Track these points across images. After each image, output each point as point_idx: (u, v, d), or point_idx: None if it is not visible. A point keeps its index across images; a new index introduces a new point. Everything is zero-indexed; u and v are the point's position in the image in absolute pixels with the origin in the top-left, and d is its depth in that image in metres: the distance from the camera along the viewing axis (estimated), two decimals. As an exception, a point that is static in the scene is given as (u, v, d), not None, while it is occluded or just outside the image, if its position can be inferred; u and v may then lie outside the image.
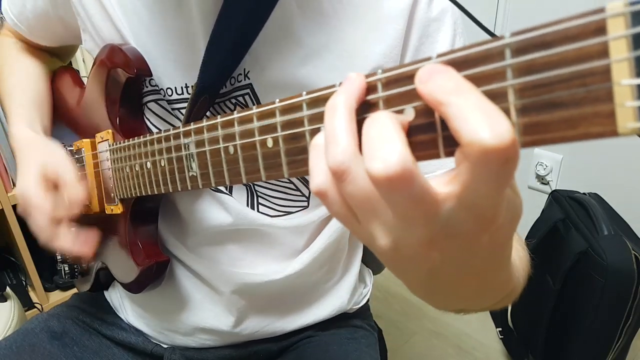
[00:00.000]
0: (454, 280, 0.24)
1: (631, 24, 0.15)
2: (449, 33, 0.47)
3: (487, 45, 0.18)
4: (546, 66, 0.17)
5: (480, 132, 0.17)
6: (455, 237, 0.21)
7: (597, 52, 0.15)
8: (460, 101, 0.18)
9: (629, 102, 0.15)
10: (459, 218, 0.20)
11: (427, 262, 0.22)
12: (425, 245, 0.21)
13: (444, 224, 0.20)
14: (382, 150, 0.19)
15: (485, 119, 0.17)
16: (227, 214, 0.52)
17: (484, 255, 0.22)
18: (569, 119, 0.16)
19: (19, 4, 0.61)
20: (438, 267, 0.22)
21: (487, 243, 0.21)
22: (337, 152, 0.21)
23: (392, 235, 0.21)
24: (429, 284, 0.25)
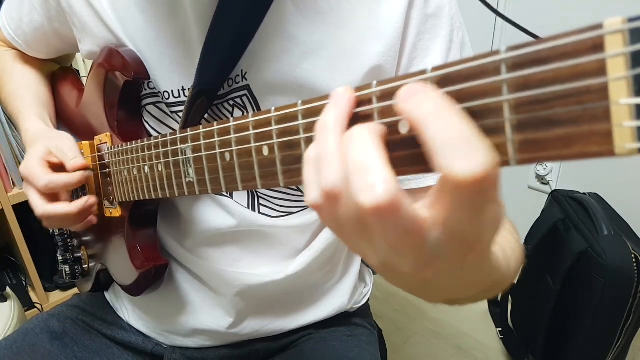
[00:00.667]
0: (447, 287, 0.25)
1: (630, 41, 0.14)
2: (446, 30, 0.47)
3: (483, 60, 0.18)
4: (542, 82, 0.16)
5: (454, 165, 0.17)
6: (443, 260, 0.21)
7: (594, 69, 0.15)
8: (437, 126, 0.18)
9: (627, 122, 0.14)
10: (446, 245, 0.20)
11: (419, 279, 0.23)
12: (415, 269, 0.21)
13: (431, 251, 0.20)
14: (367, 180, 0.19)
15: (459, 150, 0.17)
16: (229, 216, 0.52)
17: (470, 267, 0.23)
18: (566, 137, 0.16)
19: (16, 19, 0.62)
20: (430, 281, 0.23)
21: (473, 258, 0.22)
22: (329, 173, 0.21)
23: (382, 257, 0.22)
24: (422, 290, 0.26)
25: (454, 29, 0.47)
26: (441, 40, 0.47)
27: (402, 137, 0.21)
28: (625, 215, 1.11)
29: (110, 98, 0.53)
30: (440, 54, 0.46)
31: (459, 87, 0.19)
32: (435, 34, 0.46)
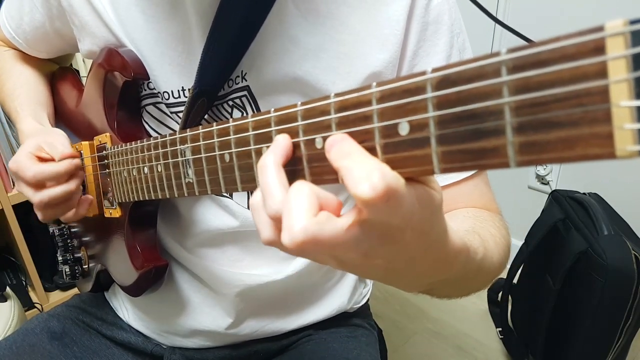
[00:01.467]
0: (411, 269, 0.28)
1: (631, 43, 0.14)
2: (447, 36, 0.47)
3: (483, 61, 0.18)
4: (543, 85, 0.16)
5: (358, 187, 0.21)
6: (379, 244, 0.24)
7: (595, 72, 0.15)
8: (346, 163, 0.22)
9: (628, 124, 0.14)
10: (375, 233, 0.23)
11: (376, 267, 0.26)
12: (364, 259, 0.25)
13: (366, 244, 0.24)
14: (289, 220, 0.23)
15: (362, 176, 0.21)
16: (229, 217, 0.52)
17: (416, 243, 0.25)
18: (566, 139, 0.16)
19: (17, 18, 0.61)
20: (388, 266, 0.26)
21: (411, 235, 0.24)
22: (272, 205, 0.25)
23: (334, 261, 0.26)
24: (389, 278, 0.29)
25: (454, 35, 0.47)
26: (442, 47, 0.47)
27: (401, 139, 0.21)
28: (625, 215, 1.11)
29: (110, 98, 0.52)
30: (441, 61, 0.47)
31: (459, 88, 0.19)
32: (436, 41, 0.47)
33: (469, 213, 0.46)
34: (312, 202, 0.23)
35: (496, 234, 0.42)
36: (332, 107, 0.24)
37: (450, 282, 0.34)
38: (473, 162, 0.19)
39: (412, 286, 0.31)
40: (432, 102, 0.20)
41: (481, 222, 0.43)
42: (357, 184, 0.21)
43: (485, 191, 0.50)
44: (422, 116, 0.20)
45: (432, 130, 0.20)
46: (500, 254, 0.40)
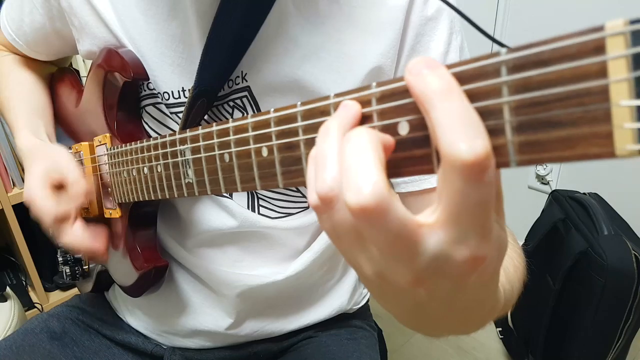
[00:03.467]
0: (441, 315, 0.24)
1: (631, 43, 0.14)
2: (445, 32, 0.47)
3: (483, 61, 0.18)
4: (543, 84, 0.16)
5: (456, 145, 0.17)
6: (442, 275, 0.20)
7: (595, 71, 0.15)
8: (445, 106, 0.18)
9: (628, 123, 0.14)
10: (447, 253, 0.19)
11: (413, 298, 0.22)
12: (411, 283, 0.20)
13: (429, 260, 0.19)
14: (356, 179, 0.19)
15: (463, 132, 0.17)
16: (229, 217, 0.52)
17: (472, 292, 0.22)
18: (566, 138, 0.16)
19: (17, 20, 0.61)
20: (425, 303, 0.22)
21: (475, 280, 0.21)
22: (326, 178, 0.20)
23: (376, 267, 0.21)
24: (414, 316, 0.24)
25: (453, 32, 0.47)
26: (439, 43, 0.47)
27: (400, 139, 0.21)
28: (625, 215, 1.11)
29: (109, 99, 0.52)
30: (438, 56, 0.47)
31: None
32: (434, 36, 0.47)
33: None
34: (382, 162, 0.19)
35: (514, 255, 0.40)
36: (332, 107, 0.24)
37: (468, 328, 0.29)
38: None
39: (429, 330, 0.27)
40: (431, 101, 0.19)
41: None
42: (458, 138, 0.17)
43: None
44: (421, 115, 0.20)
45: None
46: (519, 279, 0.38)
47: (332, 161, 0.20)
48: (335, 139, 0.21)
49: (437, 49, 0.47)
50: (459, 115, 0.17)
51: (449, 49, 0.47)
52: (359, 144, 0.20)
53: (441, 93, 0.18)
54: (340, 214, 0.20)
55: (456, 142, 0.17)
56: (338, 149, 0.21)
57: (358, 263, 0.22)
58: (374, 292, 0.24)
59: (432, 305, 0.22)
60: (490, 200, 0.18)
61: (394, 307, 0.24)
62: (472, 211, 0.18)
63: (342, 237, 0.21)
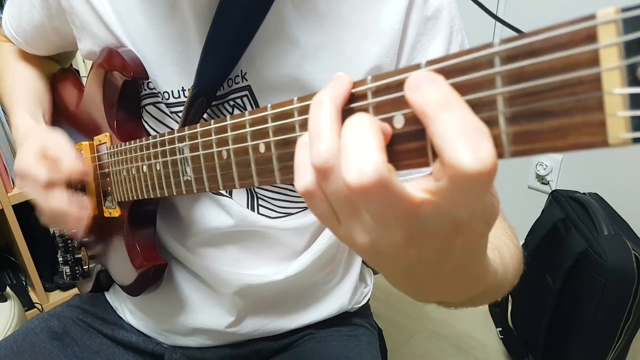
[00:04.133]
0: (430, 276, 0.25)
1: (623, 31, 0.14)
2: (445, 31, 0.47)
3: (477, 53, 0.18)
4: (535, 74, 0.16)
5: (462, 157, 0.17)
6: (430, 238, 0.21)
7: (587, 60, 0.15)
8: (445, 118, 0.18)
9: (621, 111, 0.14)
10: (435, 223, 0.20)
11: (405, 260, 0.23)
12: (403, 244, 0.21)
13: (420, 227, 0.21)
14: (358, 159, 0.19)
15: (468, 143, 0.17)
16: (228, 216, 0.52)
17: (458, 255, 0.23)
18: (559, 128, 0.16)
19: (17, 17, 0.62)
20: (415, 265, 0.23)
21: (461, 244, 0.22)
22: (321, 149, 0.21)
23: (371, 235, 0.22)
24: (406, 279, 0.26)
25: (453, 31, 0.47)
26: (439, 42, 0.47)
27: (396, 132, 0.21)
28: (625, 215, 1.11)
29: (110, 98, 0.53)
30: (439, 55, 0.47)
31: (453, 80, 0.19)
32: (434, 36, 0.47)
33: None
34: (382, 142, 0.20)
35: (510, 244, 0.41)
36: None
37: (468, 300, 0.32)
38: None
39: (424, 295, 0.29)
40: (426, 94, 0.19)
41: (496, 231, 0.42)
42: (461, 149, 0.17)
43: None
44: None
45: (427, 123, 0.20)
46: (515, 267, 0.39)
47: (327, 132, 0.21)
48: (329, 110, 0.21)
49: (437, 49, 0.47)
50: (462, 126, 0.18)
51: (449, 48, 0.47)
52: (360, 127, 0.20)
53: (442, 104, 0.18)
54: (334, 185, 0.21)
55: (458, 152, 0.17)
56: (332, 120, 0.21)
57: (351, 234, 0.23)
58: (367, 257, 0.25)
59: (422, 267, 0.23)
60: (485, 194, 0.19)
61: (387, 268, 0.25)
62: (466, 202, 0.19)
63: (336, 208, 0.22)
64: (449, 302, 0.33)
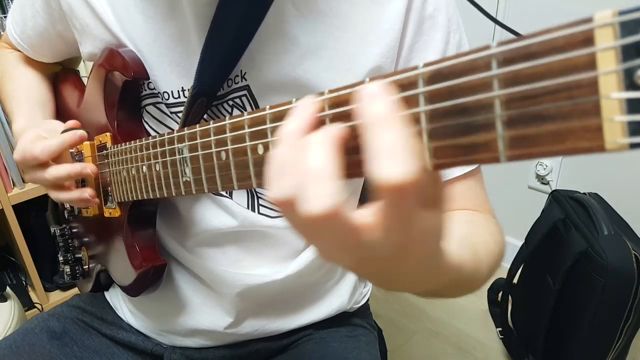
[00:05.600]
0: (390, 279, 0.28)
1: (620, 34, 0.14)
2: (443, 32, 0.47)
3: (474, 55, 0.18)
4: (532, 77, 0.16)
5: (379, 171, 0.19)
6: (382, 260, 0.24)
7: (584, 63, 0.15)
8: (380, 136, 0.20)
9: (618, 116, 0.14)
10: (381, 247, 0.23)
11: (363, 271, 0.26)
12: (357, 263, 0.25)
13: (368, 251, 0.23)
14: (314, 191, 0.21)
15: (387, 158, 0.19)
16: (229, 217, 0.52)
17: (412, 264, 0.25)
18: (556, 132, 0.16)
19: (21, 23, 0.62)
20: (373, 274, 0.27)
21: (415, 262, 0.24)
22: (285, 184, 0.23)
23: (330, 254, 0.25)
24: (369, 279, 0.29)
25: (451, 32, 0.47)
26: (437, 43, 0.47)
27: None
28: (625, 215, 1.10)
29: (110, 98, 0.53)
30: (436, 56, 0.47)
31: (450, 82, 0.19)
32: (432, 36, 0.47)
33: (465, 218, 0.46)
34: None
35: (490, 240, 0.43)
36: (326, 103, 0.24)
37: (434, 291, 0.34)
38: (464, 157, 0.19)
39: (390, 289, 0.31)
40: (424, 96, 0.20)
41: (476, 228, 0.44)
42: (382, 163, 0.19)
43: (479, 191, 0.50)
44: (414, 110, 0.20)
45: (424, 125, 0.20)
46: (490, 264, 0.41)
47: (290, 168, 0.23)
48: (293, 144, 0.23)
49: (434, 50, 0.47)
50: (389, 143, 0.19)
51: (446, 48, 0.47)
52: (317, 151, 0.22)
53: (381, 122, 0.20)
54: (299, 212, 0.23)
55: (381, 168, 0.19)
56: (296, 155, 0.23)
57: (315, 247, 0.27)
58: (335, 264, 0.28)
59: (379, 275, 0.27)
60: (413, 209, 0.21)
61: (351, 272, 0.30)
62: (400, 227, 0.21)
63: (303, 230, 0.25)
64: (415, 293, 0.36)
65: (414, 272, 0.26)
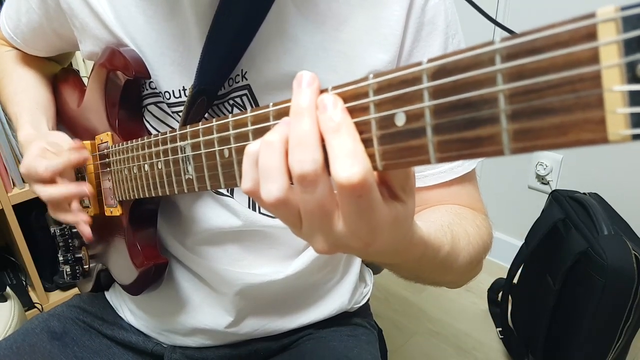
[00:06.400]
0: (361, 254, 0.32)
1: (622, 29, 0.15)
2: (441, 37, 0.47)
3: (478, 50, 0.18)
4: (536, 72, 0.16)
5: (339, 172, 0.23)
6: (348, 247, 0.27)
7: (587, 57, 0.15)
8: (335, 142, 0.23)
9: (620, 108, 0.15)
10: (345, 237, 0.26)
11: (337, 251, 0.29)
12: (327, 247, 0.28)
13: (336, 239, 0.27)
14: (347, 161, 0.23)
15: (346, 162, 0.23)
16: (230, 216, 0.52)
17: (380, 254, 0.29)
18: (560, 125, 0.16)
19: (15, 18, 0.62)
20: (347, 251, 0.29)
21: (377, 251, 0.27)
22: (307, 160, 0.24)
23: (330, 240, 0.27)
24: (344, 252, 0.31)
25: (449, 37, 0.48)
26: (436, 49, 0.48)
27: (398, 130, 0.22)
28: (625, 215, 1.11)
29: (112, 97, 0.53)
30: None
31: (454, 78, 0.19)
32: (431, 42, 0.47)
33: (452, 209, 0.48)
34: None
35: (473, 233, 0.44)
36: None
37: (405, 267, 0.37)
38: (469, 151, 0.19)
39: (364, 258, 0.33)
40: (428, 91, 0.20)
41: (460, 219, 0.45)
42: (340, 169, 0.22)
43: (472, 192, 0.51)
44: (418, 106, 0.20)
45: (428, 120, 0.20)
46: (470, 253, 0.42)
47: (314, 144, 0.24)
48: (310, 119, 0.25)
49: (433, 55, 0.47)
50: (344, 148, 0.23)
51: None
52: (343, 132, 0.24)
53: (336, 129, 0.23)
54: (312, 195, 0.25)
55: (338, 170, 0.23)
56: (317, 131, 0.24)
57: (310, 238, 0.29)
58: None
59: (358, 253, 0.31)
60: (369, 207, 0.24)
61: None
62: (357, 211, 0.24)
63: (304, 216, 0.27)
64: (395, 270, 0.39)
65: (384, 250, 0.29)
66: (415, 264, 0.35)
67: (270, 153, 0.26)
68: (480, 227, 0.46)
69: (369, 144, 0.23)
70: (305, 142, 0.24)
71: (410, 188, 0.27)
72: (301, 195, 0.25)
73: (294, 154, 0.24)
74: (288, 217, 0.27)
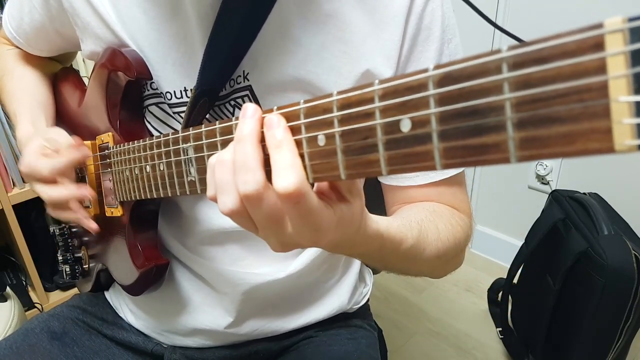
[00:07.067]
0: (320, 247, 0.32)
1: (630, 40, 0.15)
2: (437, 43, 0.48)
3: (485, 58, 0.18)
4: (543, 81, 0.16)
5: (278, 183, 0.26)
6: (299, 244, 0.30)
7: (594, 68, 0.15)
8: (277, 156, 0.27)
9: (627, 119, 0.15)
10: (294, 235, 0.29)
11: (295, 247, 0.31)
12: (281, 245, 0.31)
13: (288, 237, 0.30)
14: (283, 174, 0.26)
15: (284, 174, 0.26)
16: None
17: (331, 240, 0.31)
18: (567, 134, 0.16)
19: (17, 18, 0.62)
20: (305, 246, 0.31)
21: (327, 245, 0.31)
22: (249, 181, 0.27)
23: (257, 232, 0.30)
24: None
25: (445, 42, 0.48)
26: (431, 54, 0.48)
27: (403, 136, 0.22)
28: (625, 215, 1.11)
29: (113, 98, 0.53)
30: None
31: (460, 85, 0.19)
32: (427, 47, 0.48)
33: (429, 206, 0.49)
34: None
35: (444, 229, 0.46)
36: (334, 104, 0.24)
37: (369, 257, 0.41)
38: (474, 158, 0.19)
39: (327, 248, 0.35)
40: (434, 98, 0.20)
41: (434, 217, 0.46)
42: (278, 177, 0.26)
43: (457, 193, 0.52)
44: (424, 112, 0.20)
45: (434, 127, 0.20)
46: (439, 248, 0.44)
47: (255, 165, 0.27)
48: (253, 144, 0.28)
49: (428, 61, 0.48)
50: (283, 162, 0.26)
51: (440, 59, 0.48)
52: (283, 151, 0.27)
53: (278, 145, 0.27)
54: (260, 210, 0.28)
55: (277, 180, 0.26)
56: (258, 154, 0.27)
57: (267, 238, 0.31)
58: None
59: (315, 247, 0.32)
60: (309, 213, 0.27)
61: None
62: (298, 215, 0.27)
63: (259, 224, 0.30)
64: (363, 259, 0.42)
65: (337, 244, 0.31)
66: (376, 254, 0.38)
67: (223, 170, 0.29)
68: (454, 225, 0.48)
69: (374, 150, 0.23)
70: (248, 166, 0.27)
71: (357, 190, 0.30)
72: (250, 209, 0.28)
73: (238, 175, 0.27)
74: (244, 224, 0.30)
